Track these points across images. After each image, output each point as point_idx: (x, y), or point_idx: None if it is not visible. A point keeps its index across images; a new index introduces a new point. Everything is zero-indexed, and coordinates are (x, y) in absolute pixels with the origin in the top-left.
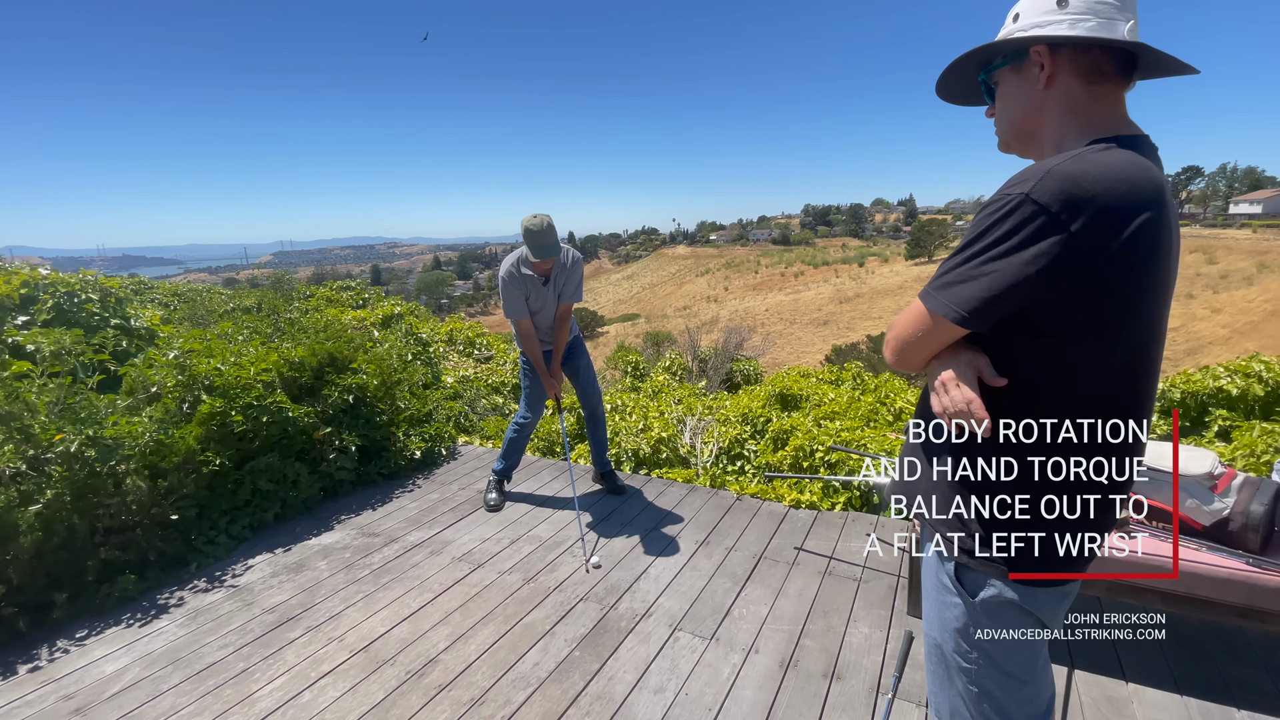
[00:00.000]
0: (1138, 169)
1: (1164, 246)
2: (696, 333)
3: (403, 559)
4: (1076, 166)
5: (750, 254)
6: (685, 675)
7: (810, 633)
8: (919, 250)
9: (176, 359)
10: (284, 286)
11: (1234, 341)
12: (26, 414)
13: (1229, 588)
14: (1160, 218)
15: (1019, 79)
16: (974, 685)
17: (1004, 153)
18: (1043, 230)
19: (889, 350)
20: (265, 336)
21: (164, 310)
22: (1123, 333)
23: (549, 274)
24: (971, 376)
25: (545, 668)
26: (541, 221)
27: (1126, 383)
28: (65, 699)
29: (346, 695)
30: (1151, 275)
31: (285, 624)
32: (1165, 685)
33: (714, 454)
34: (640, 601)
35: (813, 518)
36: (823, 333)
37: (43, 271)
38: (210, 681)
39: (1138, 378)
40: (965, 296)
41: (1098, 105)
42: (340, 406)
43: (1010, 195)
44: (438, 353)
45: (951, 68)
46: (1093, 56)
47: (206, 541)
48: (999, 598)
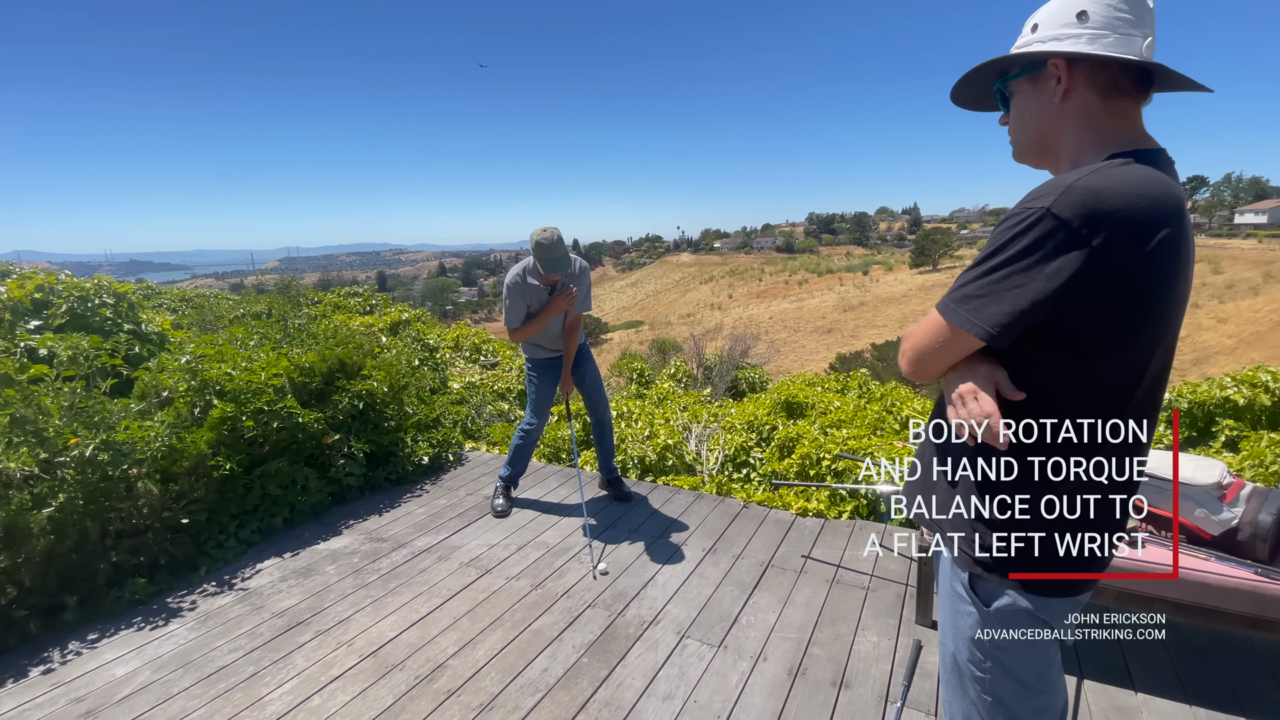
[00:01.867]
0: (1158, 184)
1: (1183, 260)
2: (701, 340)
3: (411, 564)
4: (1098, 181)
5: (754, 261)
6: (694, 683)
7: (818, 641)
8: (923, 259)
9: (188, 364)
10: (291, 292)
11: (1240, 351)
12: (41, 418)
13: (1237, 597)
14: (1180, 232)
15: (1035, 90)
16: (987, 694)
17: (1018, 162)
18: (1065, 245)
19: (904, 360)
20: (275, 342)
21: (173, 316)
22: (1140, 345)
23: (555, 285)
24: (990, 389)
25: (554, 674)
26: (551, 235)
27: (1137, 392)
28: (76, 701)
29: (356, 700)
30: (1170, 288)
31: (295, 628)
32: (1174, 695)
33: (720, 461)
34: (648, 608)
35: (820, 526)
36: (827, 341)
37: (60, 277)
38: (220, 685)
39: (1149, 387)
40: (991, 313)
41: (1114, 120)
42: (349, 412)
43: (1031, 209)
44: (444, 358)
45: (969, 75)
46: (1110, 72)
47: (216, 545)
48: (1013, 606)
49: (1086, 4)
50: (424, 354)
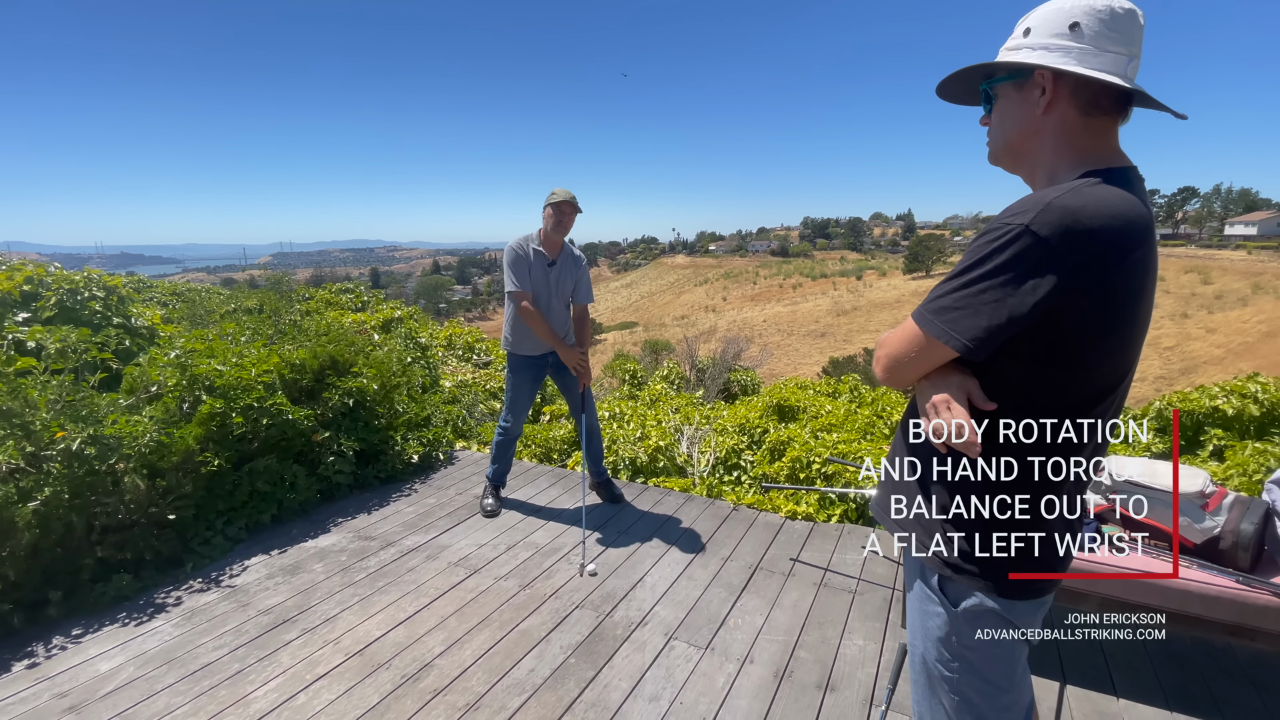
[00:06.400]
0: (1131, 206)
1: (1150, 278)
2: (694, 342)
3: (399, 563)
4: (1075, 200)
5: (749, 265)
6: (680, 684)
7: (805, 644)
8: (917, 265)
9: (178, 359)
10: (283, 288)
11: (1228, 362)
12: (28, 410)
13: (1219, 605)
14: (1149, 253)
15: (1019, 97)
16: (955, 693)
17: (992, 164)
18: (1041, 263)
19: (879, 367)
20: (266, 338)
21: (163, 310)
22: (1108, 359)
23: (558, 256)
24: (963, 399)
25: (541, 674)
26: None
27: (1101, 401)
28: (59, 696)
29: (341, 698)
30: (1138, 306)
31: (281, 626)
32: (1156, 701)
33: (711, 464)
34: (636, 610)
35: (809, 529)
36: (820, 344)
37: (49, 269)
38: (205, 682)
39: (1112, 397)
40: (968, 326)
41: (1092, 137)
42: (340, 410)
43: (1010, 225)
44: (436, 357)
45: (957, 74)
46: (1094, 90)
47: (203, 542)
48: (980, 607)
49: (1080, 16)
50: (416, 352)
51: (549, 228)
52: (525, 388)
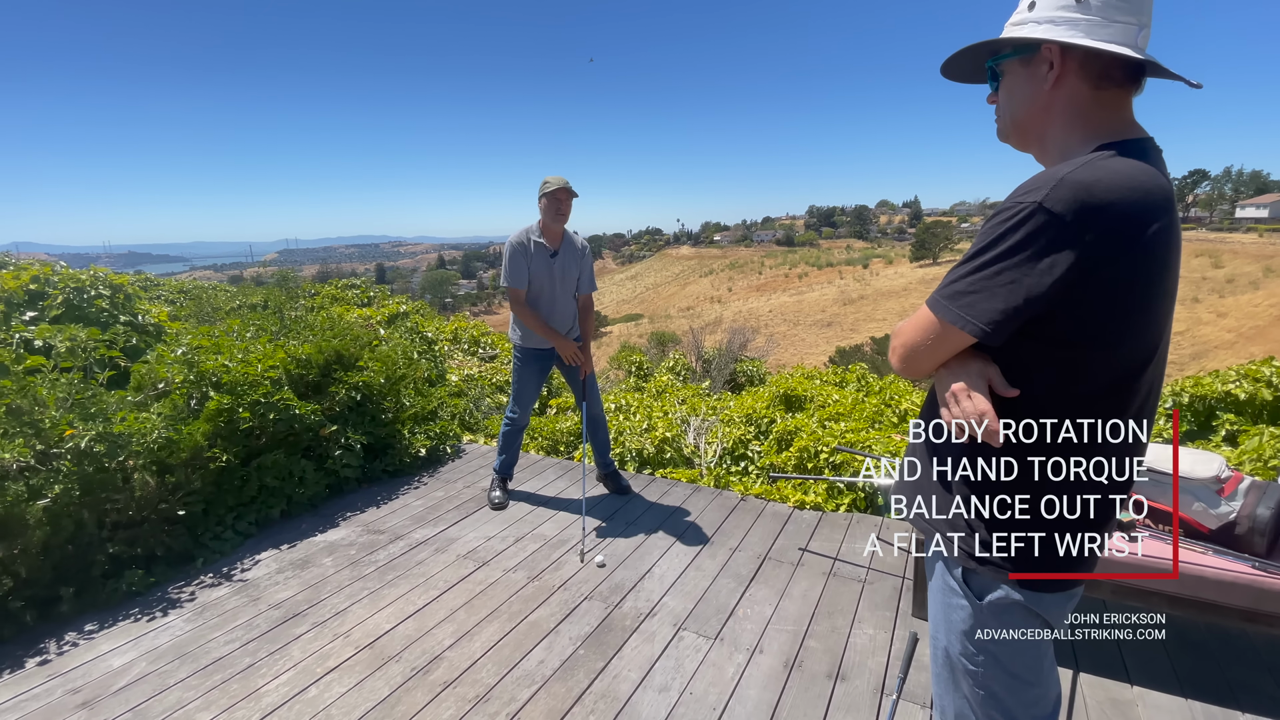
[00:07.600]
0: (1148, 176)
1: (1173, 252)
2: (700, 333)
3: (408, 556)
4: (1089, 174)
5: (754, 255)
6: (690, 675)
7: (815, 633)
8: (924, 252)
9: (185, 355)
10: (289, 284)
11: (1239, 346)
12: (37, 408)
13: (1234, 591)
14: (1170, 224)
15: (1027, 73)
16: (980, 688)
17: (1001, 141)
18: (1057, 240)
19: (895, 357)
20: (272, 334)
21: (170, 307)
22: (1132, 338)
23: (559, 245)
24: (983, 386)
25: (550, 665)
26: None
27: (1132, 385)
28: (72, 692)
29: (352, 691)
30: (1161, 281)
31: (291, 620)
32: (1170, 688)
33: (718, 454)
34: (645, 601)
35: (817, 519)
36: (826, 334)
37: (55, 268)
38: (216, 676)
39: (1143, 380)
40: (984, 310)
41: (1103, 109)
42: (347, 404)
43: (1022, 204)
44: (442, 351)
45: (962, 52)
46: (1103, 62)
47: (213, 537)
48: (1005, 600)
49: None
50: (422, 346)
51: (548, 218)
52: (531, 380)
